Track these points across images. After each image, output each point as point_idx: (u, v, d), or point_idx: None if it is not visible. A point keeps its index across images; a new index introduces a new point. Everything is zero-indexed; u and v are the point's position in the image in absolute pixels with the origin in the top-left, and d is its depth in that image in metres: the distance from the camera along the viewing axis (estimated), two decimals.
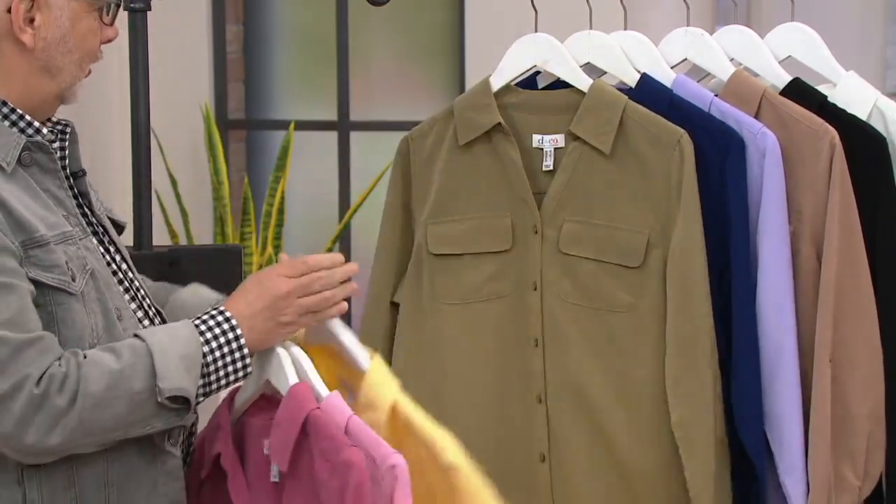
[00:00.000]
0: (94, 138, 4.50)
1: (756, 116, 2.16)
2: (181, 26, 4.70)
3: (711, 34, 2.28)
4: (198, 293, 2.07)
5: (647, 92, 2.18)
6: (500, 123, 2.20)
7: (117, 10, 1.89)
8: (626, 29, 2.29)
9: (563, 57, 2.22)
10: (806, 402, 2.13)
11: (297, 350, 1.87)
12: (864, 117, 2.18)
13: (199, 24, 4.82)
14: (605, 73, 2.27)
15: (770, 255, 2.12)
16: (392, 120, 4.83)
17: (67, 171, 1.90)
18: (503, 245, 2.21)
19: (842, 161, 2.10)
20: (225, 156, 4.65)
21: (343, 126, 4.90)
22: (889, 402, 2.14)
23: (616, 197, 2.16)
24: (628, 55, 2.24)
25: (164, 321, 1.97)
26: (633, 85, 2.22)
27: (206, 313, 1.86)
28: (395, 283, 2.30)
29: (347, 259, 5.28)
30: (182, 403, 1.81)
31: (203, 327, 1.84)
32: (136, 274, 1.97)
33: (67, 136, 1.90)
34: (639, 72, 2.23)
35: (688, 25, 2.27)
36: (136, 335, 1.81)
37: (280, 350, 1.87)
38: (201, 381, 1.82)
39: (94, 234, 1.91)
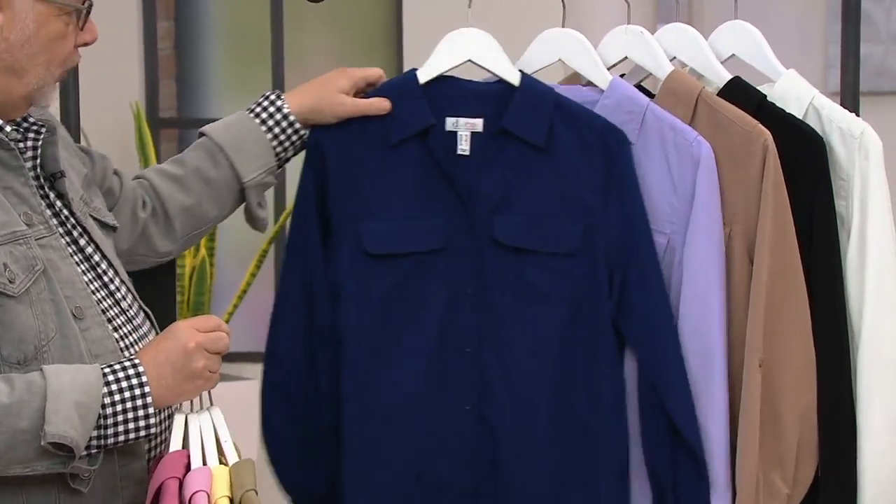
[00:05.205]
0: None
1: (692, 116, 2.16)
2: (111, 22, 4.49)
3: (653, 33, 2.26)
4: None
5: (531, 93, 2.17)
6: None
7: (88, 15, 1.88)
8: (563, 26, 2.26)
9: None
10: (734, 408, 2.12)
11: (198, 416, 1.87)
12: (800, 115, 2.17)
13: (129, 20, 4.79)
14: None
15: (700, 266, 2.10)
16: None
17: (38, 170, 1.89)
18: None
19: (775, 163, 2.09)
20: (156, 156, 4.59)
21: None
22: (822, 406, 2.13)
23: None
24: (564, 54, 2.23)
25: (152, 323, 1.98)
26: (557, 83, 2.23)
27: (118, 362, 1.83)
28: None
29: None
30: (68, 452, 1.76)
31: (111, 377, 1.80)
32: (122, 274, 1.96)
33: (42, 137, 1.89)
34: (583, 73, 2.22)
35: (628, 23, 2.25)
36: (41, 369, 1.77)
37: (178, 416, 1.88)
38: (95, 432, 1.78)
39: (69, 233, 1.90)
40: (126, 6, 4.77)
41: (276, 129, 2.16)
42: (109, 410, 1.79)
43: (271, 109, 2.16)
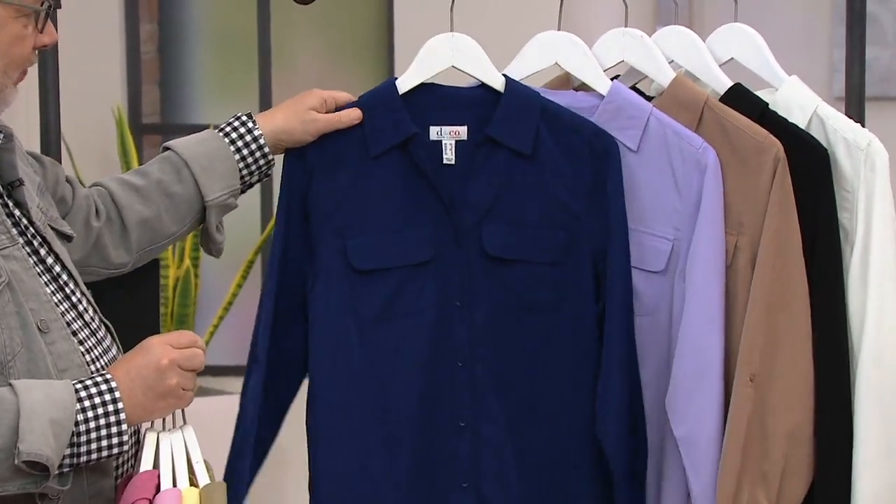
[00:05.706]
0: None
1: (698, 124, 2.15)
2: (92, 25, 4.64)
3: (651, 35, 2.24)
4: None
5: (517, 98, 2.16)
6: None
7: (47, 17, 1.88)
8: (559, 29, 2.23)
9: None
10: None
11: (170, 434, 1.86)
12: (803, 124, 2.16)
13: (111, 23, 4.77)
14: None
15: (702, 278, 2.10)
16: None
17: None
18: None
19: (785, 175, 2.09)
20: (139, 162, 4.55)
21: None
22: (820, 418, 2.12)
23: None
24: (560, 57, 2.19)
25: (112, 335, 1.98)
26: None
27: (89, 377, 1.81)
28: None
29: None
30: (41, 470, 1.74)
31: (83, 393, 1.79)
32: (82, 286, 1.96)
33: (0, 144, 1.89)
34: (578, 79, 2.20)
35: (626, 26, 2.23)
36: (10, 384, 1.75)
37: (150, 434, 1.87)
38: (69, 451, 1.76)
39: (29, 244, 1.90)
40: (108, 8, 4.74)
41: (245, 151, 2.15)
42: (83, 427, 1.77)
43: (242, 131, 2.15)
